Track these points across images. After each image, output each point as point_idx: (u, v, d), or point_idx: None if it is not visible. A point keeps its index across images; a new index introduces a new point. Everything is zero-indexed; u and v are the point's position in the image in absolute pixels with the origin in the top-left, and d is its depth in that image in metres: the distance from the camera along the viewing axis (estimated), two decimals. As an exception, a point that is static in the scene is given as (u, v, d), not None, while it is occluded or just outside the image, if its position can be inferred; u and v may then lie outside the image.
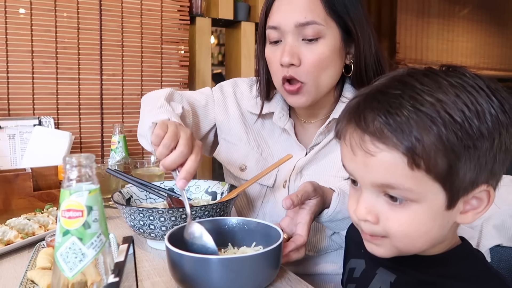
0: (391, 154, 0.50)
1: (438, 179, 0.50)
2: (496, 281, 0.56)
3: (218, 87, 1.12)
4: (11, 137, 1.59)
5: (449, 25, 5.08)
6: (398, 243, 0.55)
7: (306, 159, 0.97)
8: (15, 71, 1.87)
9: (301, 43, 0.88)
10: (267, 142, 1.04)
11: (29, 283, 0.67)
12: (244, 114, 1.07)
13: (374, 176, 0.52)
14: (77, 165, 0.48)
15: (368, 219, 0.55)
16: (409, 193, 0.51)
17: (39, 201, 1.09)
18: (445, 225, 0.54)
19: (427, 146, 0.48)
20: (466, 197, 0.53)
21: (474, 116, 0.49)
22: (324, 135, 0.97)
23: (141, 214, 0.78)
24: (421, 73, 0.53)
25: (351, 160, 0.55)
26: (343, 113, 0.57)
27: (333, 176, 0.93)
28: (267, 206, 1.00)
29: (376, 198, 0.54)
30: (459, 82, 0.51)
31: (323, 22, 0.87)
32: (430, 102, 0.49)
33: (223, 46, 4.75)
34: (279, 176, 0.99)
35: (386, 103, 0.51)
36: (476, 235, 0.96)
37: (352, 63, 0.94)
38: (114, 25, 2.08)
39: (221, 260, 0.61)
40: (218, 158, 1.08)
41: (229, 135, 1.07)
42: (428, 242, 0.55)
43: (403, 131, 0.49)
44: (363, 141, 0.52)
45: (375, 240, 0.57)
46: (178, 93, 1.04)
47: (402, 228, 0.53)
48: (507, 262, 0.93)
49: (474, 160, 0.50)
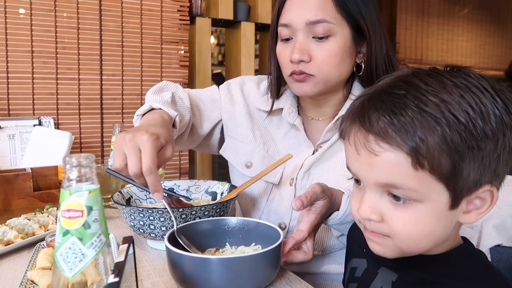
0: (395, 154, 0.50)
1: (442, 179, 0.50)
2: (497, 281, 0.56)
3: (226, 85, 1.13)
4: (11, 137, 1.59)
5: (449, 25, 5.08)
6: (401, 243, 0.55)
7: (314, 157, 0.97)
8: (15, 71, 1.87)
9: (311, 40, 0.89)
10: (274, 139, 1.05)
11: (29, 283, 0.67)
12: (251, 112, 1.08)
13: (378, 176, 0.52)
14: (77, 165, 0.48)
15: (372, 218, 0.55)
16: (413, 193, 0.51)
17: (39, 201, 1.09)
18: (449, 225, 0.54)
19: (431, 147, 0.48)
20: (470, 197, 0.53)
21: (478, 117, 0.49)
22: (332, 132, 0.97)
23: (141, 214, 0.78)
24: (426, 74, 0.53)
25: (355, 160, 0.55)
26: (347, 113, 0.57)
27: (342, 175, 0.93)
28: (273, 203, 1.00)
29: (380, 197, 0.54)
30: (464, 82, 0.51)
31: (334, 20, 0.88)
32: (435, 102, 0.49)
33: (223, 46, 4.74)
34: (285, 173, 1.00)
35: (390, 103, 0.51)
36: (476, 235, 0.96)
37: (363, 62, 0.95)
38: (114, 25, 2.08)
39: (221, 260, 0.61)
40: (224, 155, 1.09)
41: (235, 132, 1.08)
42: (431, 242, 0.55)
43: (407, 131, 0.49)
44: (367, 141, 0.52)
45: (377, 238, 0.57)
46: (174, 84, 1.06)
47: (406, 228, 0.53)
48: (507, 262, 0.93)
49: (478, 160, 0.50)
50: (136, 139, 0.73)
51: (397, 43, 4.65)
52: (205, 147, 1.16)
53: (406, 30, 4.72)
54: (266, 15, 2.63)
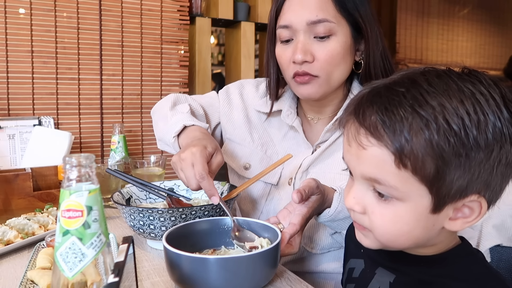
0: (381, 150, 0.51)
1: (424, 181, 0.50)
2: (495, 282, 0.56)
3: (225, 89, 1.16)
4: (11, 137, 1.59)
5: (449, 25, 5.08)
6: (380, 237, 0.56)
7: (312, 157, 0.97)
8: (15, 71, 1.87)
9: (313, 40, 0.90)
10: (273, 141, 1.05)
11: (29, 283, 0.67)
12: (250, 114, 1.09)
13: (364, 169, 0.53)
14: (77, 165, 0.48)
15: (355, 209, 0.56)
16: (394, 191, 0.52)
17: (39, 201, 1.09)
18: (430, 228, 0.54)
19: (415, 148, 0.48)
20: (455, 204, 0.52)
21: (473, 126, 0.48)
22: (331, 132, 0.98)
23: (141, 214, 0.78)
24: (435, 74, 0.52)
25: (347, 151, 0.57)
26: (349, 104, 0.58)
27: (339, 174, 0.94)
28: (271, 204, 1.00)
29: (366, 190, 0.55)
30: (470, 88, 0.50)
31: (334, 19, 0.88)
32: (431, 105, 0.48)
33: (223, 46, 4.75)
34: (284, 174, 1.00)
35: (386, 99, 0.51)
36: (476, 235, 0.96)
37: (362, 60, 0.95)
38: (114, 25, 2.08)
39: (218, 260, 0.61)
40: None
41: (233, 135, 1.09)
42: (410, 241, 0.55)
43: (395, 130, 0.49)
44: (358, 133, 0.53)
45: (362, 230, 0.58)
46: (183, 96, 1.11)
47: (384, 224, 0.54)
48: (507, 262, 0.93)
49: (465, 168, 0.49)
50: (188, 156, 0.80)
51: (397, 43, 4.65)
52: None
53: (406, 30, 4.72)
54: (266, 15, 2.61)
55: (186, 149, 0.82)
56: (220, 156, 0.86)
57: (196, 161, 0.79)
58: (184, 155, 0.81)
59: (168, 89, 2.26)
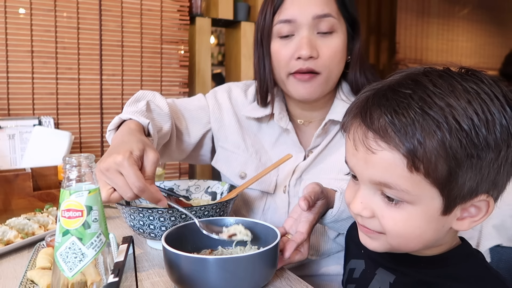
0: (391, 154, 0.50)
1: (436, 184, 0.49)
2: (495, 282, 0.56)
3: (212, 94, 1.10)
4: (11, 137, 1.59)
5: (449, 25, 5.08)
6: (392, 241, 0.55)
7: (305, 163, 0.96)
8: (15, 71, 1.88)
9: (316, 36, 0.89)
10: (264, 147, 1.03)
11: (29, 283, 0.67)
12: (240, 120, 1.05)
13: (373, 174, 0.52)
14: (77, 165, 0.48)
15: (363, 215, 0.55)
16: (405, 195, 0.51)
17: (39, 201, 1.09)
18: (440, 230, 0.54)
19: (428, 151, 0.47)
20: (464, 204, 0.52)
21: (482, 125, 0.48)
22: (321, 137, 0.97)
23: (141, 214, 0.78)
24: (437, 74, 0.52)
25: (353, 155, 0.55)
26: (351, 106, 0.57)
27: (333, 179, 0.93)
28: (268, 213, 0.99)
29: (373, 195, 0.55)
30: (474, 88, 0.49)
31: (336, 16, 0.89)
32: (440, 106, 0.48)
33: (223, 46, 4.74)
34: (279, 180, 0.98)
35: (394, 101, 0.50)
36: (476, 235, 0.96)
37: (351, 59, 0.95)
38: (114, 25, 2.08)
39: (217, 260, 0.61)
40: (217, 166, 1.06)
41: (226, 142, 1.05)
42: (421, 243, 0.55)
43: (406, 133, 0.48)
44: (366, 137, 0.52)
45: (370, 234, 0.57)
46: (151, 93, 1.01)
47: (396, 227, 0.53)
48: (507, 262, 0.93)
49: (476, 169, 0.49)
50: (112, 165, 0.68)
51: (397, 43, 4.65)
52: (196, 158, 1.12)
53: (406, 30, 4.72)
54: (266, 15, 2.63)
55: (109, 158, 0.69)
56: (152, 153, 0.73)
57: (128, 173, 0.68)
58: (106, 165, 0.69)
59: (168, 89, 2.27)
